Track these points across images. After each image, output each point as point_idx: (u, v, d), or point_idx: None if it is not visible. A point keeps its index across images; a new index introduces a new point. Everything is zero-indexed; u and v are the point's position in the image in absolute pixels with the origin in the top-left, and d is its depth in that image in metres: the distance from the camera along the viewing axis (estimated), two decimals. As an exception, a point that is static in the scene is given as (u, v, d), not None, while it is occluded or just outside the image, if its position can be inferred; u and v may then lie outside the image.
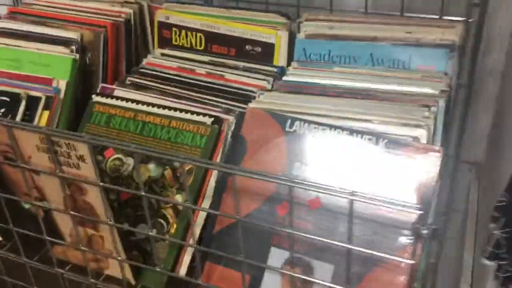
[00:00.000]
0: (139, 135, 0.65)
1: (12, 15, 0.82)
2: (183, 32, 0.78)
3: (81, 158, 0.47)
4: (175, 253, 0.59)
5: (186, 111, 0.64)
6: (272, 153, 0.51)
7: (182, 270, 0.59)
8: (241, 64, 0.74)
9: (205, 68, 0.74)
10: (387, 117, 0.55)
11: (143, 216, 0.60)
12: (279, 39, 0.72)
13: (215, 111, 0.65)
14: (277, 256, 0.50)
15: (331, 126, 0.51)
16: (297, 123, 0.51)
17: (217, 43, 0.77)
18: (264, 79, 0.70)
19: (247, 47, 0.75)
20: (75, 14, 0.80)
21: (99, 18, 0.79)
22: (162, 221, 0.60)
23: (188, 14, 0.77)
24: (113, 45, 0.77)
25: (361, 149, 0.49)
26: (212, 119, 0.63)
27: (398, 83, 0.63)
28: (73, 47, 0.74)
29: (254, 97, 0.66)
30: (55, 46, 0.74)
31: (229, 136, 0.56)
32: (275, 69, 0.72)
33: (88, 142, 0.44)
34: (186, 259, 0.59)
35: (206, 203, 0.60)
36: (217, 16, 0.77)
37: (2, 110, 0.68)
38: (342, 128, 0.50)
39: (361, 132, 0.50)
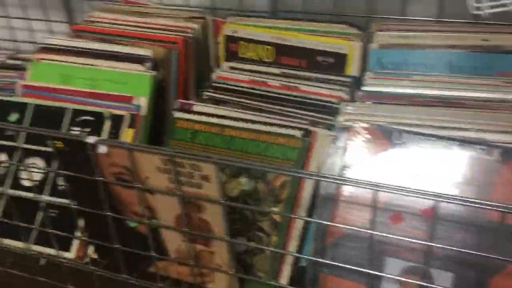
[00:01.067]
0: (227, 150, 0.66)
1: (78, 33, 0.83)
2: (251, 45, 0.79)
3: (205, 178, 0.48)
4: (276, 266, 0.60)
5: (274, 125, 0.65)
6: (380, 165, 0.52)
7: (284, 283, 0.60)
8: (314, 75, 0.75)
9: (277, 80, 0.75)
10: (485, 125, 0.57)
11: (239, 230, 0.61)
12: (353, 49, 0.74)
13: (302, 123, 0.66)
14: (392, 267, 0.51)
15: (439, 137, 0.52)
16: (404, 134, 0.53)
17: (287, 55, 0.78)
18: (339, 90, 0.72)
19: (318, 58, 0.76)
20: (142, 31, 0.81)
21: (167, 34, 0.80)
22: (260, 233, 0.61)
23: (257, 28, 0.78)
24: (184, 60, 0.78)
25: (473, 160, 0.50)
26: (302, 132, 0.64)
27: (484, 90, 0.64)
28: (148, 64, 0.75)
29: (337, 109, 0.68)
30: (130, 64, 0.75)
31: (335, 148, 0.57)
32: (348, 79, 0.74)
33: (217, 163, 0.45)
34: (287, 271, 0.60)
35: (301, 214, 0.61)
36: (285, 28, 0.78)
37: (88, 129, 0.69)
38: (452, 139, 0.52)
39: (472, 142, 0.51)
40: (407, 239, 0.48)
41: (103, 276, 0.65)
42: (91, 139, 0.50)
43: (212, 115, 0.69)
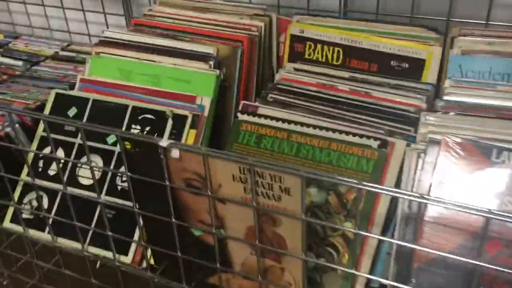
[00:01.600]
0: (294, 157, 0.62)
1: (137, 27, 0.81)
2: (319, 46, 0.75)
3: (286, 190, 0.44)
4: (349, 285, 0.56)
5: (348, 133, 0.61)
6: (476, 184, 0.48)
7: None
8: (387, 80, 0.70)
9: (347, 84, 0.70)
10: None
11: (309, 245, 0.57)
12: (431, 55, 0.68)
13: (377, 132, 0.61)
14: (485, 298, 0.46)
15: (545, 157, 0.47)
16: (505, 153, 0.48)
17: (357, 58, 0.73)
18: (416, 98, 0.67)
19: (392, 62, 0.71)
20: (204, 27, 0.78)
21: (232, 32, 0.76)
22: (330, 249, 0.57)
23: (326, 28, 0.74)
24: (248, 60, 0.74)
25: None
26: (378, 142, 0.59)
27: None
28: (211, 63, 0.71)
29: (415, 118, 0.63)
30: (193, 61, 0.72)
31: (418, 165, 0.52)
32: (426, 87, 0.69)
33: (304, 176, 0.41)
34: (359, 292, 0.56)
35: (375, 231, 0.56)
36: (355, 30, 0.74)
37: (148, 128, 0.66)
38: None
39: None
40: (506, 270, 0.43)
41: (159, 283, 0.62)
42: (164, 143, 0.47)
43: (278, 119, 0.65)
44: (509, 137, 0.55)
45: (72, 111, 0.70)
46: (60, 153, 0.69)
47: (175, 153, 0.47)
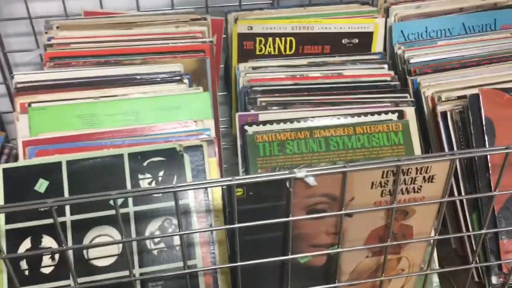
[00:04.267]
0: (326, 152, 0.61)
1: (57, 62, 0.64)
2: (270, 39, 0.73)
3: (429, 179, 0.44)
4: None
5: (365, 114, 0.63)
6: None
7: None
8: (343, 58, 0.73)
9: (314, 70, 0.71)
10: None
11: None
12: (377, 26, 0.74)
13: (384, 106, 0.65)
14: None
15: None
16: (527, 91, 0.57)
17: (309, 44, 0.74)
18: (379, 68, 0.72)
19: (343, 40, 0.75)
20: (144, 45, 0.67)
21: (180, 43, 0.68)
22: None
23: (276, 19, 0.72)
24: (212, 68, 0.68)
25: None
26: (396, 114, 0.63)
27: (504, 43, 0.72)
28: (186, 81, 0.63)
29: (394, 85, 0.68)
30: (166, 84, 0.62)
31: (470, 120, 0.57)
32: (377, 56, 0.74)
33: (454, 158, 0.42)
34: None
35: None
36: (301, 17, 0.74)
37: (161, 172, 0.55)
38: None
39: None
40: None
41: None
42: (301, 173, 0.41)
43: (287, 121, 0.62)
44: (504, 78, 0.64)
45: (41, 185, 0.53)
46: (49, 241, 0.52)
47: (312, 181, 0.42)
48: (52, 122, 0.58)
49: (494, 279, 0.55)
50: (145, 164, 0.55)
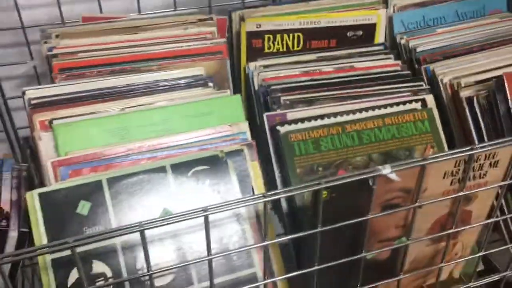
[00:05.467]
0: (360, 146, 0.61)
1: (69, 74, 0.60)
2: (278, 36, 0.72)
3: (494, 164, 0.46)
4: None
5: (387, 106, 0.64)
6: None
7: None
8: (350, 51, 0.74)
9: (327, 65, 0.71)
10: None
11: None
12: (380, 17, 0.75)
13: (405, 96, 0.66)
14: None
15: None
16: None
17: (316, 39, 0.74)
18: (387, 58, 0.73)
19: (348, 33, 0.75)
20: (156, 50, 0.64)
21: (194, 46, 0.65)
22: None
23: (284, 16, 0.71)
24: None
25: None
26: (420, 102, 0.64)
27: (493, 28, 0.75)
28: (211, 84, 0.61)
29: (406, 74, 0.69)
30: (192, 89, 0.59)
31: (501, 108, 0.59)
32: (381, 47, 0.76)
33: None
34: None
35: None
36: (307, 12, 0.74)
37: (207, 181, 0.53)
38: None
39: None
40: None
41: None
42: (387, 170, 0.41)
43: (317, 117, 0.62)
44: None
45: (83, 207, 0.49)
46: (101, 267, 0.49)
47: (395, 176, 0.42)
48: (80, 139, 0.53)
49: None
50: (189, 174, 0.53)
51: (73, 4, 0.70)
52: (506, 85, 0.59)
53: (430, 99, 0.65)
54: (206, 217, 0.38)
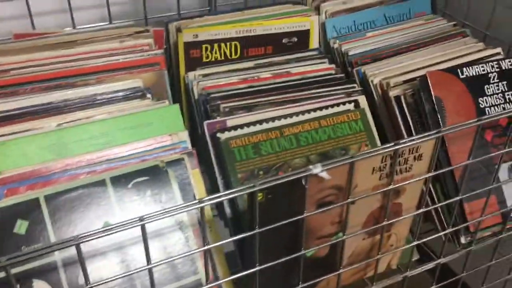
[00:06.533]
0: (299, 148, 0.63)
1: (1, 91, 0.59)
2: (216, 45, 0.74)
3: (418, 157, 0.48)
4: (403, 223, 0.64)
5: (325, 108, 0.66)
6: (461, 101, 0.63)
7: None
8: (287, 57, 0.76)
9: (264, 71, 0.73)
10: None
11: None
12: (313, 24, 0.78)
13: (338, 98, 0.69)
14: None
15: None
16: (464, 69, 0.64)
17: (252, 46, 0.76)
18: (321, 62, 0.76)
19: (284, 40, 0.77)
20: (92, 64, 0.63)
21: (130, 58, 0.65)
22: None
23: (221, 25, 0.73)
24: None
25: None
26: (353, 103, 0.67)
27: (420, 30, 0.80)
28: (149, 95, 0.61)
29: (339, 77, 0.72)
30: (129, 101, 0.60)
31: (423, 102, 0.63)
32: (316, 52, 0.79)
33: (439, 136, 0.47)
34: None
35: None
36: (242, 20, 0.75)
37: (148, 192, 0.53)
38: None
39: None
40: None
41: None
42: (317, 169, 0.43)
43: (256, 122, 0.64)
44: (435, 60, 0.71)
45: (21, 226, 0.49)
46: (41, 286, 0.48)
47: (326, 175, 0.44)
48: (15, 157, 0.53)
49: (462, 239, 0.62)
50: (130, 186, 0.53)
51: (2, 22, 0.68)
52: (429, 83, 0.63)
53: (362, 99, 0.69)
54: (143, 226, 0.38)
